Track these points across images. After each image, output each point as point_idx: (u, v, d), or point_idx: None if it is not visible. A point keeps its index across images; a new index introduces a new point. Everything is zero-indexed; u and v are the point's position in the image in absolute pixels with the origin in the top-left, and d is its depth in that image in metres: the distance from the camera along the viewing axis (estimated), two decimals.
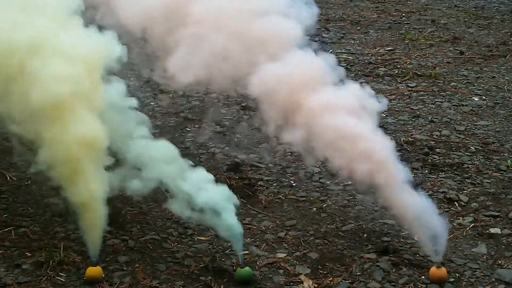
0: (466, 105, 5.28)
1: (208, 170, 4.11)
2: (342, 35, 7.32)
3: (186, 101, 5.22)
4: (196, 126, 4.78)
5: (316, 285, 3.06)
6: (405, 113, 5.12)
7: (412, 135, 4.68)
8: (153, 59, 3.70)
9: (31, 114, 2.96)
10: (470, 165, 4.22)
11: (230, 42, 3.44)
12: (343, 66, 6.08)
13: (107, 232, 3.40)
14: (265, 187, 3.96)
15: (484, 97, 5.45)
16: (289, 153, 4.32)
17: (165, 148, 3.32)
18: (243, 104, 5.07)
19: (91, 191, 2.98)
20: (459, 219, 3.62)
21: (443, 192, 3.88)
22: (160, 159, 3.23)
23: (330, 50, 6.25)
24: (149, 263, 3.20)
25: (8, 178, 3.92)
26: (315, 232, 3.49)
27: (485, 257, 3.29)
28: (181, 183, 3.14)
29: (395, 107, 5.23)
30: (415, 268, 3.17)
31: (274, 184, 3.98)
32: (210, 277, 3.10)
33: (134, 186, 3.19)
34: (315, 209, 3.70)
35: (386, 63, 6.29)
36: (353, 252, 3.31)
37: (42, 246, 3.27)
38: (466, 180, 4.04)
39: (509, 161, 4.26)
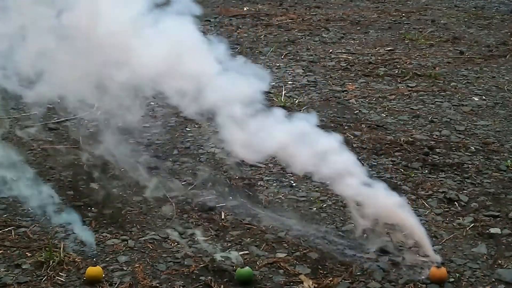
0: (466, 105, 5.28)
1: (208, 170, 4.14)
2: (342, 35, 7.32)
3: None
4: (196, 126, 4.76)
5: (316, 285, 3.06)
6: (405, 113, 5.12)
7: (412, 135, 4.68)
8: None
9: None
10: (470, 165, 4.22)
11: None
12: (343, 67, 6.16)
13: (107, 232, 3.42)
14: (265, 187, 3.96)
15: (484, 97, 5.45)
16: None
17: None
18: None
19: None
20: (459, 219, 3.62)
21: (443, 192, 3.88)
22: None
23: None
24: (149, 263, 3.21)
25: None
26: (315, 232, 3.49)
27: (485, 257, 3.29)
28: None
29: (395, 107, 5.23)
30: (415, 268, 3.18)
31: (274, 184, 3.97)
32: (210, 277, 3.10)
33: None
34: (315, 209, 3.70)
35: (386, 63, 6.29)
36: (353, 252, 3.32)
37: (42, 246, 3.27)
38: (466, 180, 4.04)
39: (509, 161, 4.26)
